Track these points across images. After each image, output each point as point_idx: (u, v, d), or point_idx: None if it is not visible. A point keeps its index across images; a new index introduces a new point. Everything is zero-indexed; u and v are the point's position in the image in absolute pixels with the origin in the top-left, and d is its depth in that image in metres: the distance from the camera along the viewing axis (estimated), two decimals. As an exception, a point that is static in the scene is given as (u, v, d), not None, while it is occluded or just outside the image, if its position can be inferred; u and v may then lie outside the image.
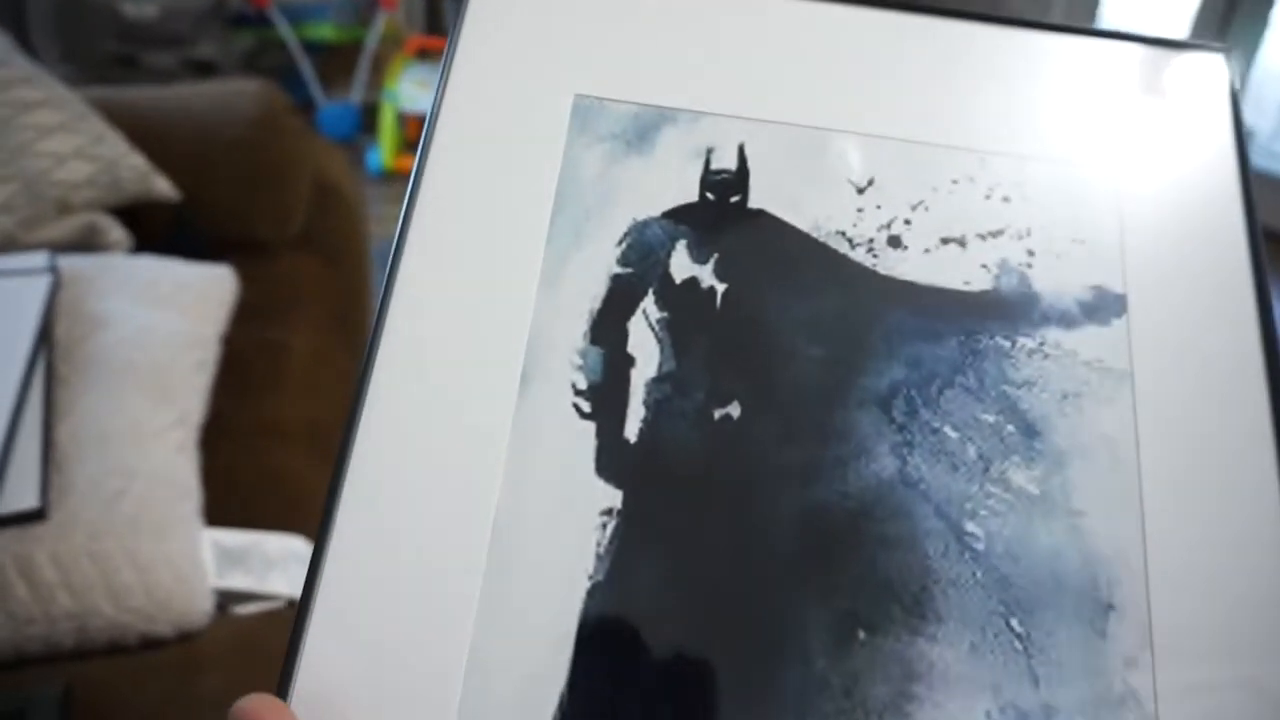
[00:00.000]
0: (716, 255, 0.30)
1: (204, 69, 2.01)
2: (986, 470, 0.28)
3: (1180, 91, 0.33)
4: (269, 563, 0.72)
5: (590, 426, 0.28)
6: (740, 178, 0.31)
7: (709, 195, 0.31)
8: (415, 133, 2.94)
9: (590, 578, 0.26)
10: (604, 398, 0.28)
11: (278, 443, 0.90)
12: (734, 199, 0.31)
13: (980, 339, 0.29)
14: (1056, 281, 0.30)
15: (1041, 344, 0.29)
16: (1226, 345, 0.29)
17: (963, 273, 0.30)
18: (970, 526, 0.27)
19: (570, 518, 0.27)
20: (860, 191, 0.31)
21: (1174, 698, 0.25)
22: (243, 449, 0.86)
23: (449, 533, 0.26)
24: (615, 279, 0.29)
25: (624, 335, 0.29)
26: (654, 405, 0.28)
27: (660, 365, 0.29)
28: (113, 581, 0.63)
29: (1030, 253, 0.30)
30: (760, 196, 0.31)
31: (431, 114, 0.31)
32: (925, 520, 0.27)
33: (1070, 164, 0.31)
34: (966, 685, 0.26)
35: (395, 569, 0.26)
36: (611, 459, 0.27)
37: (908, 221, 0.31)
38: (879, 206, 0.31)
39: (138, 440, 0.72)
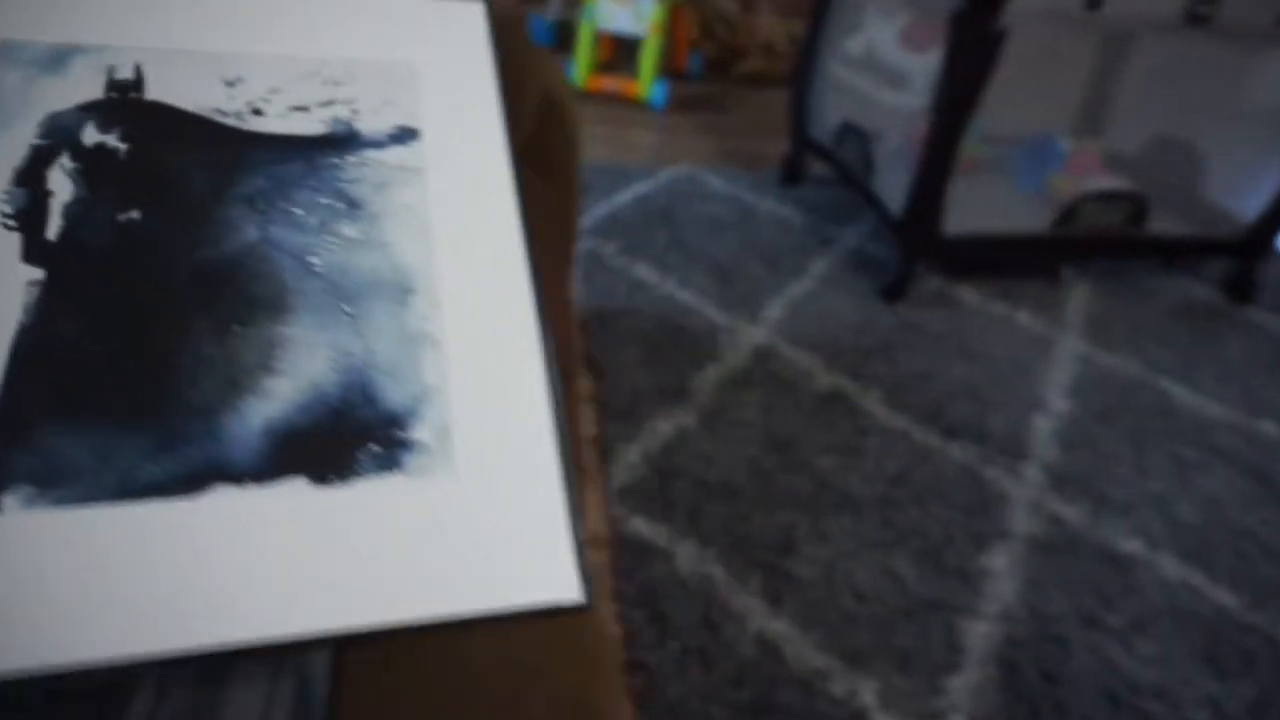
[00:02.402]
0: (120, 127, 0.42)
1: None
2: (323, 228, 0.42)
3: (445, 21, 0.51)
4: None
5: (18, 235, 0.38)
6: (137, 82, 0.44)
7: (113, 94, 0.43)
8: (609, 52, 2.74)
9: (19, 324, 0.36)
10: (28, 216, 0.39)
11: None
12: (133, 95, 0.43)
13: (318, 159, 0.44)
14: (373, 125, 0.46)
15: (362, 159, 0.45)
16: (481, 150, 0.47)
17: (308, 126, 0.45)
18: (313, 260, 0.41)
19: (2, 287, 0.37)
20: (230, 85, 0.45)
21: (453, 328, 0.40)
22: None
23: None
24: (33, 147, 0.41)
25: (43, 178, 0.40)
26: (69, 217, 0.39)
27: (74, 194, 0.40)
28: None
29: (355, 111, 0.46)
30: (153, 94, 0.44)
31: None
32: (281, 260, 0.40)
33: (384, 61, 0.48)
34: (312, 346, 0.38)
35: None
36: (35, 251, 0.38)
37: (266, 99, 0.45)
38: (245, 94, 0.45)
39: None
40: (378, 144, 0.45)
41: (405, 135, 0.46)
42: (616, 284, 1.75)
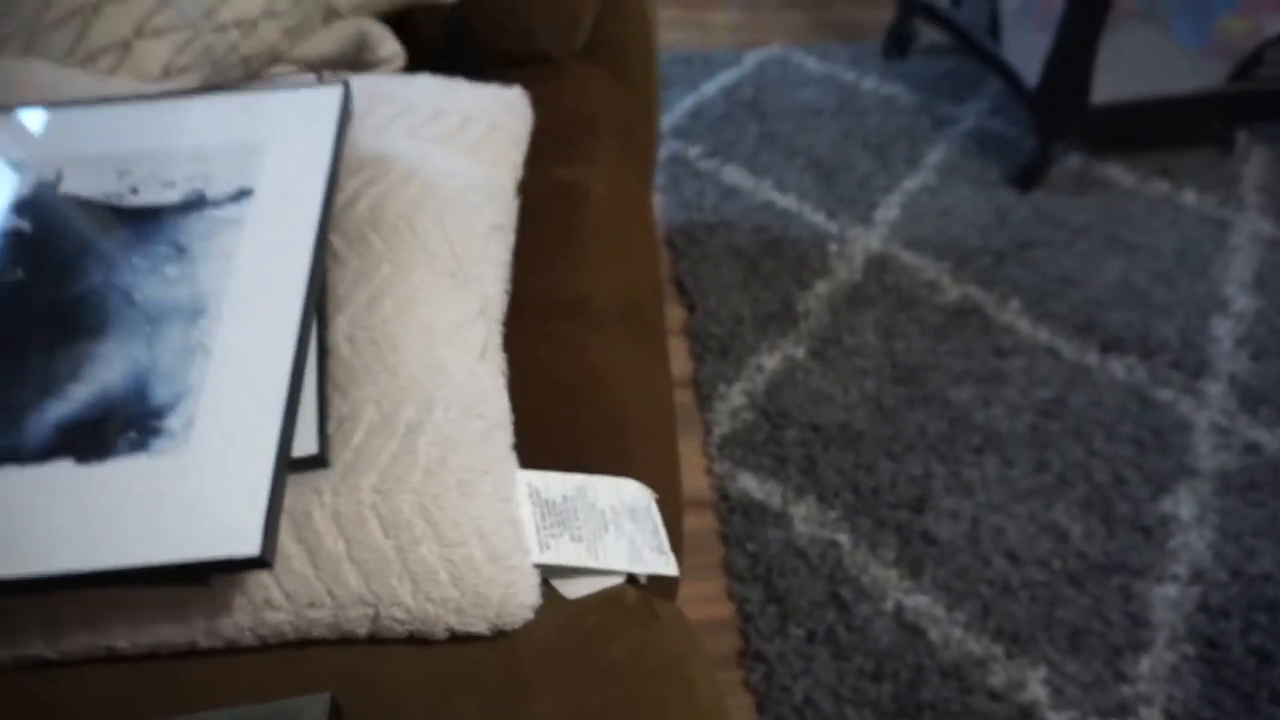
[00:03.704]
0: (31, 215, 0.52)
1: None
2: (152, 270, 0.50)
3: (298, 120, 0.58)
4: (601, 520, 0.52)
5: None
6: (56, 181, 0.54)
7: (39, 190, 0.54)
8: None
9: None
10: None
11: (588, 329, 0.64)
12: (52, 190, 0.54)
13: (167, 219, 0.52)
14: (219, 190, 0.54)
15: (201, 216, 0.52)
16: (297, 203, 0.53)
17: (169, 197, 0.53)
18: (136, 295, 0.49)
19: None
20: (120, 175, 0.54)
21: (225, 340, 0.47)
22: (544, 339, 0.62)
23: None
24: None
25: None
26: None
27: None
28: (410, 559, 0.46)
29: (208, 180, 0.54)
30: (66, 188, 0.54)
31: None
32: (113, 296, 0.48)
33: (243, 142, 0.56)
34: (113, 359, 0.46)
35: None
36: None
37: (144, 181, 0.54)
38: (129, 180, 0.54)
39: (431, 344, 0.53)
40: (218, 203, 0.53)
41: (241, 195, 0.54)
42: (705, 192, 1.54)
